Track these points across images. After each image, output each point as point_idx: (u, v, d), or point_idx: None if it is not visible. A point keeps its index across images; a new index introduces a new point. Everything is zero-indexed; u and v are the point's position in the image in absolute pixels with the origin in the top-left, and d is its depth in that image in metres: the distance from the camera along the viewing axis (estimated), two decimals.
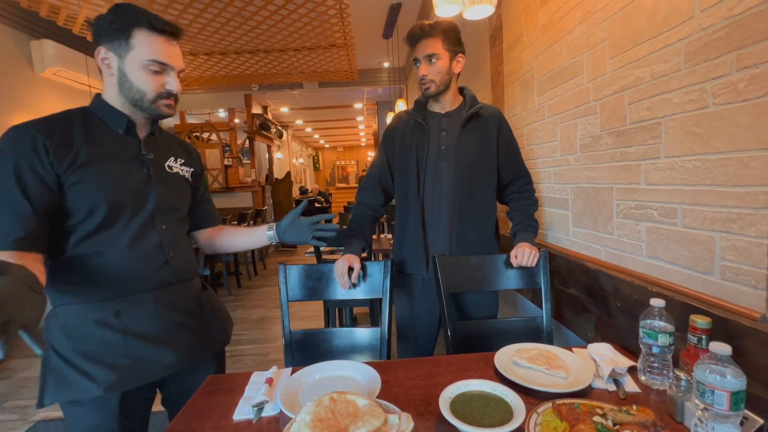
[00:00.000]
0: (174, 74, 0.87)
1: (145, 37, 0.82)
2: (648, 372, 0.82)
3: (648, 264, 1.00)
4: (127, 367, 0.84)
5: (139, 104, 0.86)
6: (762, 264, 0.70)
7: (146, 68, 0.83)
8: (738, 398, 0.57)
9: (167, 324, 0.90)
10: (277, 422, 0.74)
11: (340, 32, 3.86)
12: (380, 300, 1.23)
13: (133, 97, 0.85)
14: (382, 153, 1.41)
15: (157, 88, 0.86)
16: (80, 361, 0.81)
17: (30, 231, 0.73)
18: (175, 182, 0.97)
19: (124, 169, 0.86)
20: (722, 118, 0.76)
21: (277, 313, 3.66)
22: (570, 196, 1.37)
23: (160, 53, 0.83)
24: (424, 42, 1.26)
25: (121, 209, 0.84)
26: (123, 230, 0.84)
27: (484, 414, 0.69)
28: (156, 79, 0.85)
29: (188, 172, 1.02)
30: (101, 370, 0.81)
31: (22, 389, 2.37)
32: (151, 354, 0.87)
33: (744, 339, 0.70)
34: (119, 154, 0.86)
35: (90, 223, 0.81)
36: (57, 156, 0.77)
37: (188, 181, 1.02)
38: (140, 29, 0.82)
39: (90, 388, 0.80)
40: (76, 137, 0.81)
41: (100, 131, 0.86)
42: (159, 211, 0.90)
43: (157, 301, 0.89)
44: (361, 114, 9.11)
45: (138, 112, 0.89)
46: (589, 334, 1.22)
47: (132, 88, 0.84)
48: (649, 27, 0.94)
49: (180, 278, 0.94)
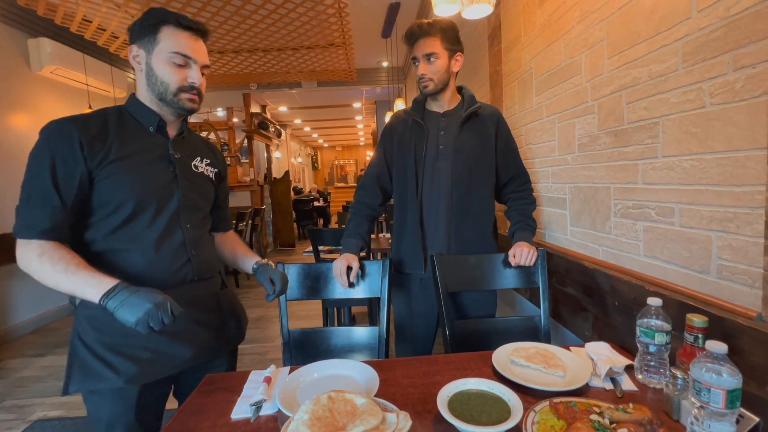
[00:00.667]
0: (197, 68, 0.91)
1: (171, 33, 0.87)
2: (645, 370, 0.82)
3: (645, 263, 1.00)
4: (148, 361, 0.87)
5: (163, 97, 0.89)
6: (758, 263, 0.70)
7: (170, 61, 0.87)
8: (734, 396, 0.57)
9: (188, 321, 0.93)
10: (275, 421, 0.74)
11: (338, 31, 3.85)
12: (379, 299, 1.23)
13: (158, 90, 0.89)
14: (381, 152, 1.41)
15: (180, 81, 0.88)
16: (104, 352, 0.84)
17: (56, 223, 0.79)
18: (200, 181, 1.00)
19: (152, 167, 0.90)
20: (719, 117, 0.76)
21: (275, 312, 3.66)
22: (568, 195, 1.38)
23: (183, 47, 0.87)
24: (422, 41, 1.26)
25: (146, 206, 0.87)
26: (149, 227, 0.88)
27: (482, 412, 0.69)
28: (179, 72, 0.88)
29: (212, 172, 1.05)
30: (123, 362, 0.84)
31: (19, 389, 2.36)
32: (171, 349, 0.90)
33: (740, 338, 0.71)
34: (148, 152, 0.90)
35: (116, 218, 0.84)
36: (91, 151, 0.81)
37: (212, 180, 1.05)
38: (168, 26, 0.87)
39: (112, 379, 0.83)
40: (110, 134, 0.86)
41: (133, 129, 0.90)
42: (184, 210, 0.93)
43: (179, 298, 0.90)
44: (360, 113, 9.11)
45: (164, 107, 0.92)
46: (586, 333, 1.22)
47: (157, 81, 0.88)
48: (646, 27, 0.94)
49: (201, 276, 0.97)
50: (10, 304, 3.25)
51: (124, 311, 0.73)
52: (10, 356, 2.86)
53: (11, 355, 2.87)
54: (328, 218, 8.84)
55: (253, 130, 6.48)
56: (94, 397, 0.86)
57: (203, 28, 0.91)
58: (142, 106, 0.92)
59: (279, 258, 6.27)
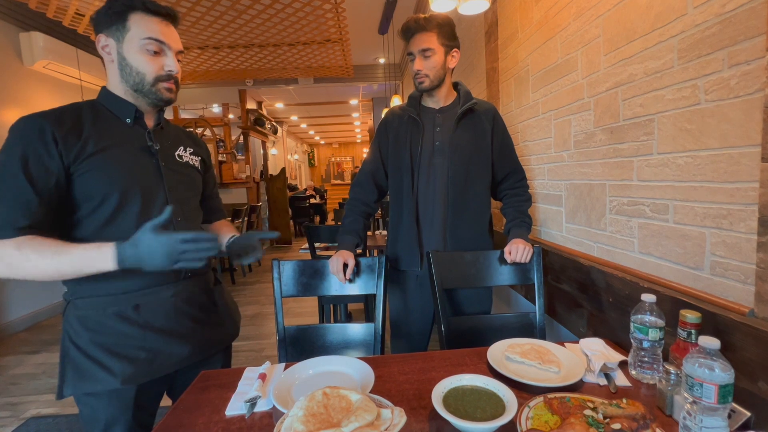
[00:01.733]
0: (172, 55, 0.87)
1: (140, 18, 0.83)
2: (638, 366, 0.83)
3: (639, 260, 1.01)
4: (144, 360, 0.85)
5: (140, 88, 0.86)
6: (751, 259, 0.70)
7: (144, 49, 0.83)
8: (726, 391, 0.57)
9: (184, 318, 0.92)
10: (270, 417, 0.74)
11: (335, 27, 3.83)
12: (374, 296, 1.23)
13: (134, 81, 0.85)
14: (376, 149, 1.40)
15: (157, 70, 0.85)
16: (98, 353, 0.82)
17: (35, 220, 0.74)
18: (186, 171, 0.97)
19: (134, 158, 0.87)
20: (714, 114, 0.77)
21: (271, 309, 3.65)
22: (563, 192, 1.38)
23: (156, 32, 0.84)
24: (418, 36, 1.25)
25: (132, 197, 0.84)
26: (137, 221, 0.83)
27: (477, 408, 0.69)
28: (155, 60, 0.85)
29: (197, 160, 1.03)
30: (118, 362, 0.82)
31: (13, 386, 2.35)
32: (168, 347, 0.88)
33: (732, 333, 0.71)
34: (128, 144, 0.86)
35: (103, 212, 0.81)
36: (65, 146, 0.77)
37: (197, 169, 1.02)
38: (136, 12, 0.83)
39: (107, 381, 0.81)
40: (85, 127, 0.82)
41: (109, 121, 0.86)
42: (172, 202, 0.90)
43: (175, 296, 0.90)
44: (357, 110, 9.08)
45: (141, 99, 0.88)
46: (581, 329, 1.23)
47: (132, 71, 0.84)
48: (642, 23, 0.94)
49: (194, 272, 0.96)
50: (3, 302, 3.22)
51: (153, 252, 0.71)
52: (3, 354, 2.84)
53: (4, 353, 2.85)
54: (325, 215, 8.82)
55: (249, 127, 6.45)
56: (90, 399, 0.84)
57: (173, 12, 0.87)
58: (115, 97, 0.87)
59: (274, 255, 6.26)
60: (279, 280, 1.22)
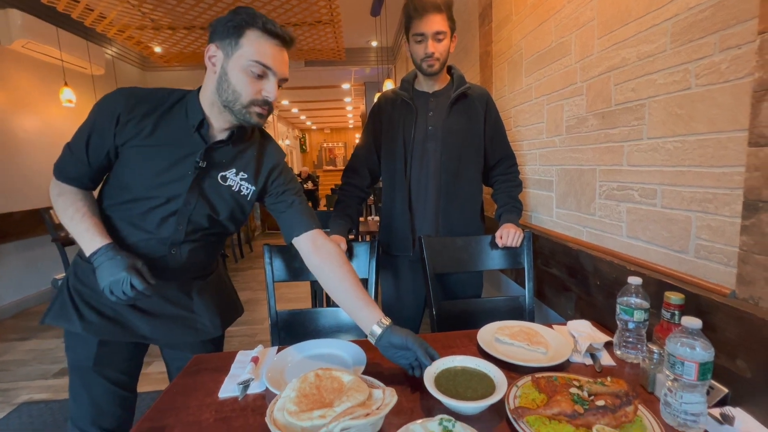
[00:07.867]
0: (275, 81, 0.85)
1: (255, 38, 0.81)
2: (623, 346, 0.85)
3: (627, 244, 1.03)
4: (109, 319, 0.91)
5: (230, 106, 0.84)
6: (734, 242, 0.72)
7: (248, 69, 0.81)
8: (705, 369, 0.59)
9: (154, 300, 0.93)
10: (262, 399, 0.75)
11: (326, 8, 3.73)
12: (367, 280, 1.23)
13: (227, 98, 0.83)
14: (369, 133, 1.39)
15: (254, 93, 0.83)
16: (79, 299, 0.91)
17: (80, 174, 0.89)
18: (223, 194, 0.92)
19: (172, 164, 0.86)
20: (704, 99, 0.77)
21: (264, 295, 3.65)
22: (554, 177, 1.39)
23: (266, 56, 0.82)
24: (433, 17, 1.18)
25: (147, 198, 0.87)
26: (145, 217, 0.88)
27: (468, 388, 0.71)
28: (255, 83, 0.83)
29: (246, 187, 0.95)
30: (89, 312, 0.90)
31: (3, 372, 2.34)
32: (130, 318, 0.92)
33: (714, 314, 0.73)
34: (178, 150, 0.87)
35: (121, 196, 0.88)
36: (123, 130, 0.84)
37: (240, 195, 0.95)
38: (253, 30, 0.81)
39: (76, 323, 0.89)
40: (152, 119, 0.86)
41: (177, 121, 0.88)
42: (183, 213, 0.89)
43: (156, 278, 0.89)
44: (349, 95, 8.94)
45: (227, 115, 0.86)
46: (569, 311, 1.26)
47: (228, 88, 0.83)
48: (637, 6, 0.94)
49: (177, 277, 0.94)
50: None
51: (100, 273, 0.80)
52: None
53: None
54: (317, 201, 8.77)
55: None
56: (69, 337, 0.94)
57: (289, 38, 0.85)
58: (196, 102, 0.88)
59: (267, 241, 6.24)
60: (270, 265, 1.22)
